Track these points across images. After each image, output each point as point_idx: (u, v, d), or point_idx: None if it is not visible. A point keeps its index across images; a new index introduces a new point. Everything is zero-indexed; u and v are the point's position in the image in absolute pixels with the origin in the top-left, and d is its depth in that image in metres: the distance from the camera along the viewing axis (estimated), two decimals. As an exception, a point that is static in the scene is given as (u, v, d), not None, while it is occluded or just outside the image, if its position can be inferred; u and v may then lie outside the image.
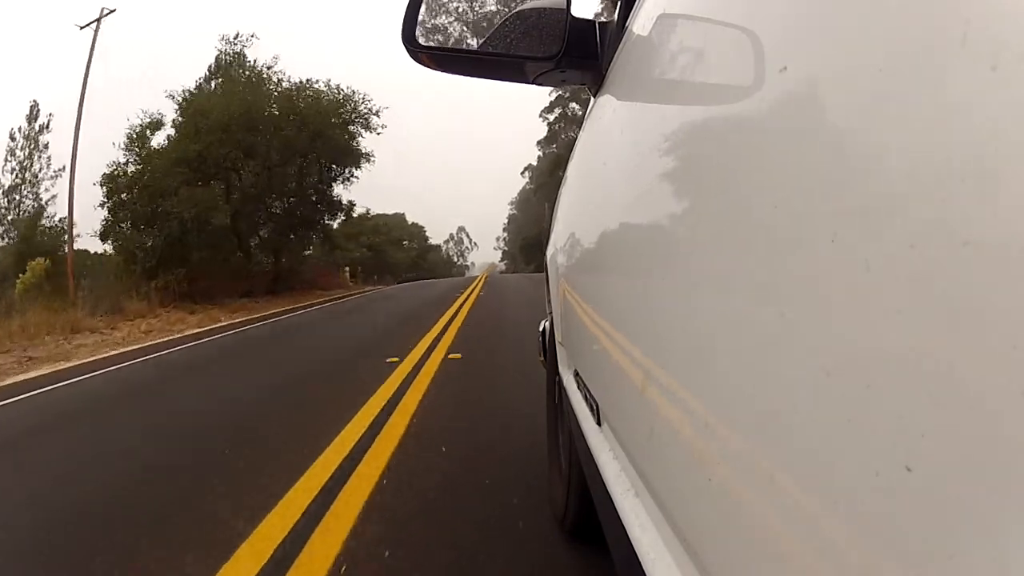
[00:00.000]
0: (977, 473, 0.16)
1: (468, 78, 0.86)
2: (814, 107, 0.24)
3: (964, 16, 0.16)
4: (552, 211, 1.57)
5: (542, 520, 1.44)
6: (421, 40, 0.82)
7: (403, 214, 48.34)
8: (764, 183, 0.29)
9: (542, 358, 1.70)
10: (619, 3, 0.76)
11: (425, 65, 0.85)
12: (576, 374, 1.03)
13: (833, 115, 0.23)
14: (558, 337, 1.33)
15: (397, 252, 39.93)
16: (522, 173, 43.95)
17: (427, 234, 51.42)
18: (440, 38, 0.89)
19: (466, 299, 9.21)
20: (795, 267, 0.25)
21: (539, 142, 35.67)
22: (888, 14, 0.20)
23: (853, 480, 0.21)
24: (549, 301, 1.58)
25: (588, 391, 0.85)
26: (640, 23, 0.60)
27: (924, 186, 0.18)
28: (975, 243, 0.16)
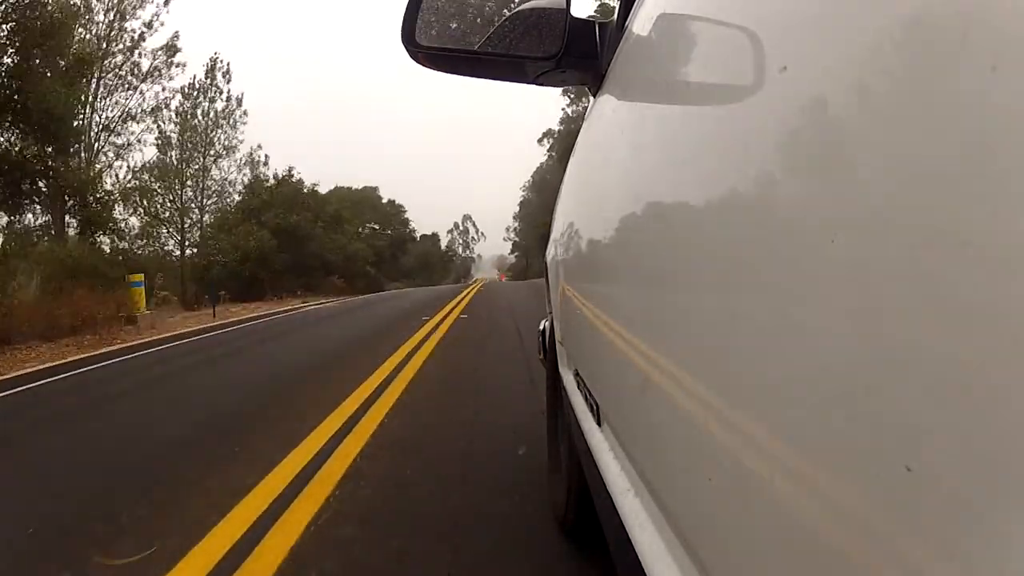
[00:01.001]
0: (977, 473, 0.16)
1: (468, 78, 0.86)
2: (814, 107, 0.24)
3: (964, 16, 0.16)
4: (553, 210, 1.57)
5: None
6: (421, 40, 0.82)
7: (376, 188, 36.50)
8: (764, 183, 0.29)
9: (542, 357, 1.70)
10: (619, 3, 0.76)
11: (425, 65, 0.85)
12: (576, 374, 1.03)
13: (833, 115, 0.23)
14: (558, 336, 1.33)
15: (350, 242, 24.65)
16: (540, 140, 34.32)
17: (407, 216, 38.42)
18: (440, 38, 0.89)
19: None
20: (795, 267, 0.25)
21: (566, 90, 28.67)
22: (888, 14, 0.20)
23: (853, 480, 0.21)
24: (549, 300, 1.58)
25: (588, 391, 0.85)
26: (639, 23, 0.59)
27: (924, 186, 0.18)
28: (975, 243, 0.16)
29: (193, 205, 18.43)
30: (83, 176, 8.57)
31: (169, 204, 17.58)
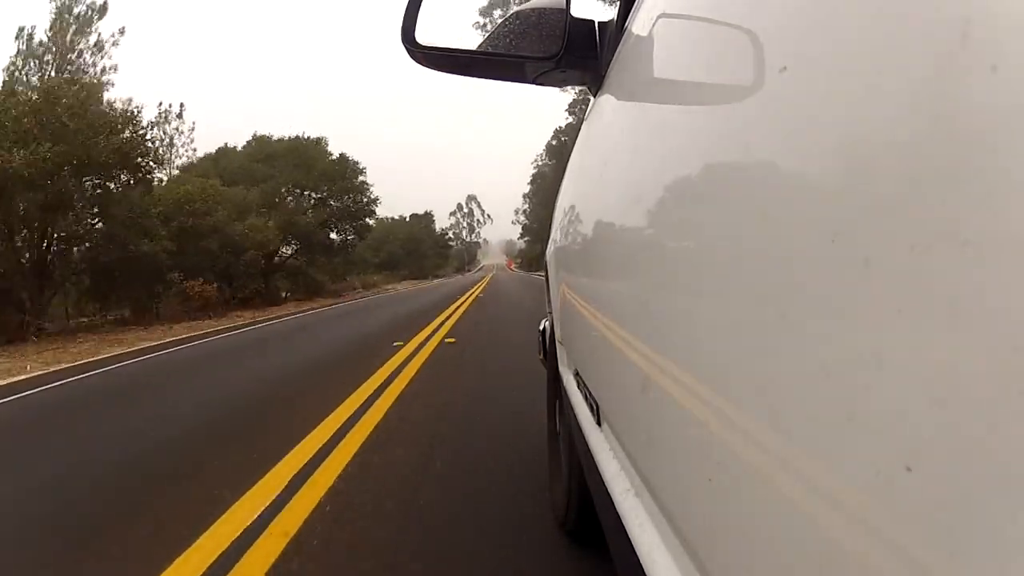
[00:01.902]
0: (977, 473, 0.16)
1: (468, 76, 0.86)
2: (814, 107, 0.24)
3: (964, 16, 0.16)
4: (552, 210, 1.57)
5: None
6: (421, 40, 0.82)
7: (320, 139, 22.93)
8: (764, 183, 0.29)
9: (542, 357, 1.70)
10: (619, 3, 0.76)
11: (424, 65, 0.85)
12: (576, 374, 1.03)
13: (833, 115, 0.23)
14: (558, 336, 1.33)
15: (239, 216, 14.91)
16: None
17: (366, 180, 23.24)
18: (440, 38, 0.89)
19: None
20: (795, 267, 0.25)
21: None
22: (888, 14, 0.20)
23: (853, 480, 0.21)
24: (549, 300, 1.58)
25: (588, 391, 0.85)
26: (639, 23, 0.60)
27: (924, 186, 0.18)
28: (975, 243, 0.16)
29: None
30: None
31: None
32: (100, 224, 11.03)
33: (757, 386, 0.28)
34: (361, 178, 23.40)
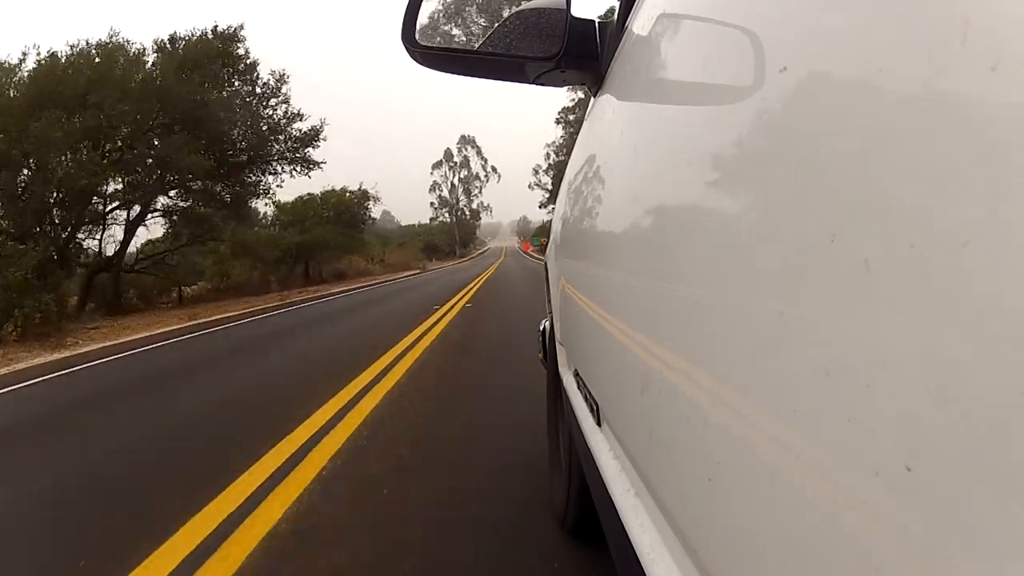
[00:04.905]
0: (977, 473, 0.16)
1: (468, 76, 0.86)
2: (814, 107, 0.24)
3: (964, 16, 0.16)
4: (552, 210, 1.57)
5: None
6: (421, 40, 0.82)
7: None
8: (764, 183, 0.29)
9: (542, 357, 1.70)
10: (619, 3, 0.76)
11: (424, 65, 0.85)
12: (576, 374, 1.03)
13: (833, 115, 0.23)
14: (558, 337, 1.33)
15: None
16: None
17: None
18: (440, 38, 0.89)
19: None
20: (795, 267, 0.25)
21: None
22: (888, 14, 0.20)
23: (853, 480, 0.21)
24: (549, 300, 1.58)
25: (588, 391, 0.85)
26: (640, 23, 0.60)
27: (924, 186, 0.18)
28: (975, 243, 0.16)
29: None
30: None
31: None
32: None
33: (757, 386, 0.28)
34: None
